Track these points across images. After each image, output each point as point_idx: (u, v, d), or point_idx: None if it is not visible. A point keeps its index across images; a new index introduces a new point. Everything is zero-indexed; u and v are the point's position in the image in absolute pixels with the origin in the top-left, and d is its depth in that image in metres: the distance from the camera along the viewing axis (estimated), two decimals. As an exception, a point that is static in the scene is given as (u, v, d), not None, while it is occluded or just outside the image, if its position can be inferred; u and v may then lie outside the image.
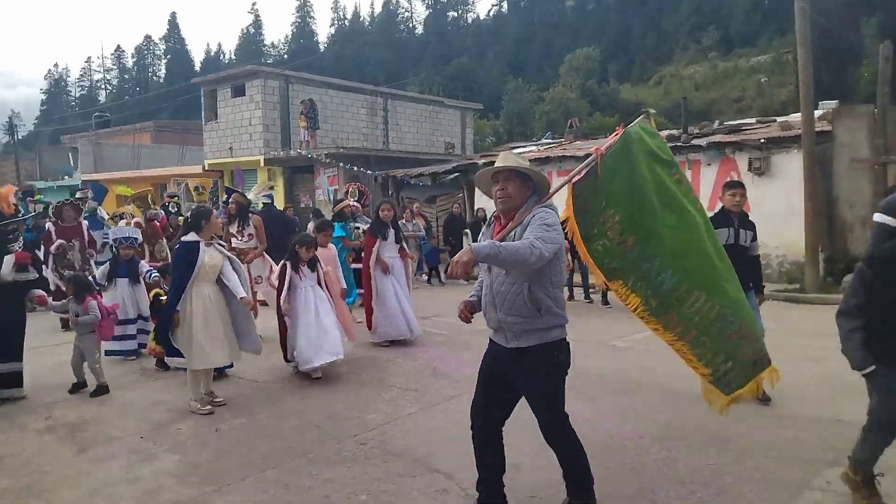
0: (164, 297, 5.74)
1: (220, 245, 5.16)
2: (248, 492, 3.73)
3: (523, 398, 3.15)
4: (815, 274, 9.54)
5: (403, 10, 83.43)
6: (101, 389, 5.48)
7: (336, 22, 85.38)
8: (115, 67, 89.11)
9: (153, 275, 6.25)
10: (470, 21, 79.20)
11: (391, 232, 7.05)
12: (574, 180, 3.27)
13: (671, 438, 4.23)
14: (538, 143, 19.08)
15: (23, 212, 5.33)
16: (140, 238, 6.93)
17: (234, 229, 7.40)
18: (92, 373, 5.53)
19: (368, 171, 16.34)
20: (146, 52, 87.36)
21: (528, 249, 2.78)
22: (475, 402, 3.24)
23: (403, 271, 7.24)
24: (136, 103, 59.13)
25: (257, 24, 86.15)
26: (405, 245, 7.37)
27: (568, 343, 3.08)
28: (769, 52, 48.39)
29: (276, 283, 6.00)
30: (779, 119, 14.47)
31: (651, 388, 5.37)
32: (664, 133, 15.51)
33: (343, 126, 20.02)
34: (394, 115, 21.59)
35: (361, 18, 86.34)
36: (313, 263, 5.90)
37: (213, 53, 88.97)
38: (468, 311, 3.18)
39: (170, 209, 10.31)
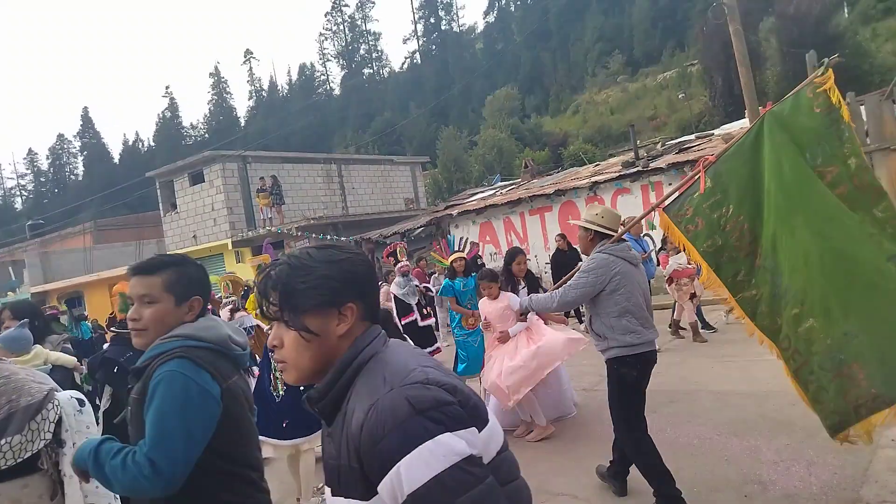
0: None
1: None
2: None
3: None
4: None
5: (319, 74, 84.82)
6: None
7: (253, 94, 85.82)
8: (28, 172, 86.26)
9: None
10: (386, 75, 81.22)
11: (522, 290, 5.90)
12: (663, 206, 3.58)
13: (743, 431, 4.83)
14: (493, 186, 19.99)
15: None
16: None
17: None
18: None
19: (343, 238, 16.75)
20: (60, 151, 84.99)
21: (549, 299, 3.96)
22: None
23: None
24: (63, 204, 57.47)
25: (173, 106, 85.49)
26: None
27: (631, 358, 3.74)
28: (673, 68, 51.83)
29: None
30: (716, 132, 15.86)
31: (698, 394, 6.00)
32: (614, 161, 16.65)
33: (303, 197, 20.42)
34: (349, 179, 22.16)
35: (279, 87, 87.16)
36: None
37: (130, 143, 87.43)
38: None
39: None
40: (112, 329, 5.34)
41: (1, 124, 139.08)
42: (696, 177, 3.35)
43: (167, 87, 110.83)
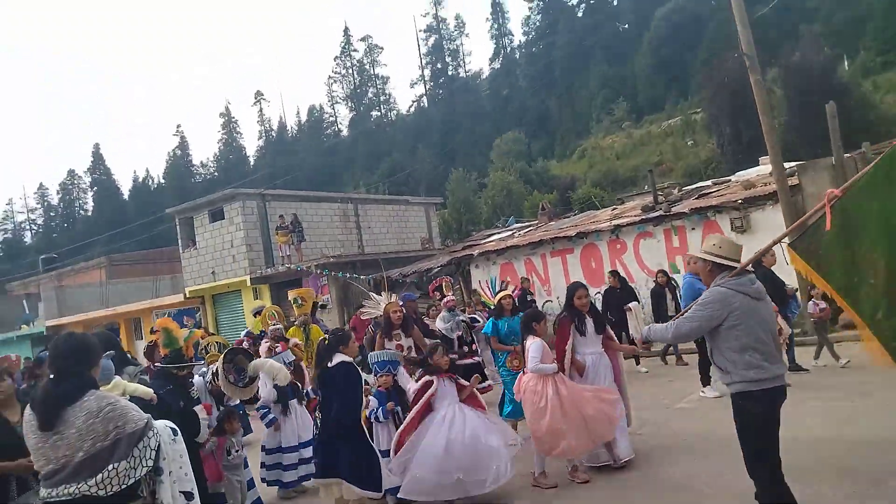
0: None
1: None
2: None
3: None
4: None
5: (328, 116, 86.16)
6: None
7: (263, 134, 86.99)
8: (39, 206, 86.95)
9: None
10: (394, 118, 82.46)
11: (589, 321, 5.79)
12: (785, 241, 3.59)
13: (803, 477, 4.78)
14: (509, 228, 20.14)
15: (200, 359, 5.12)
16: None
17: (395, 343, 6.56)
18: None
19: (362, 277, 16.83)
20: (71, 186, 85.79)
21: (665, 330, 3.91)
22: None
23: (610, 370, 5.80)
24: (73, 238, 57.72)
25: (184, 145, 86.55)
26: (612, 334, 6.02)
27: (757, 392, 3.66)
28: (676, 116, 52.71)
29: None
30: (733, 178, 16.06)
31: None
32: (631, 205, 16.82)
33: (320, 236, 20.58)
34: (365, 218, 22.37)
35: (288, 128, 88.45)
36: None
37: (140, 180, 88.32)
38: None
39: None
40: (156, 364, 5.37)
41: (13, 159, 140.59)
42: (822, 212, 3.34)
43: (178, 126, 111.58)
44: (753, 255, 3.82)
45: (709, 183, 16.28)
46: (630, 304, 9.64)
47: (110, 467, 2.74)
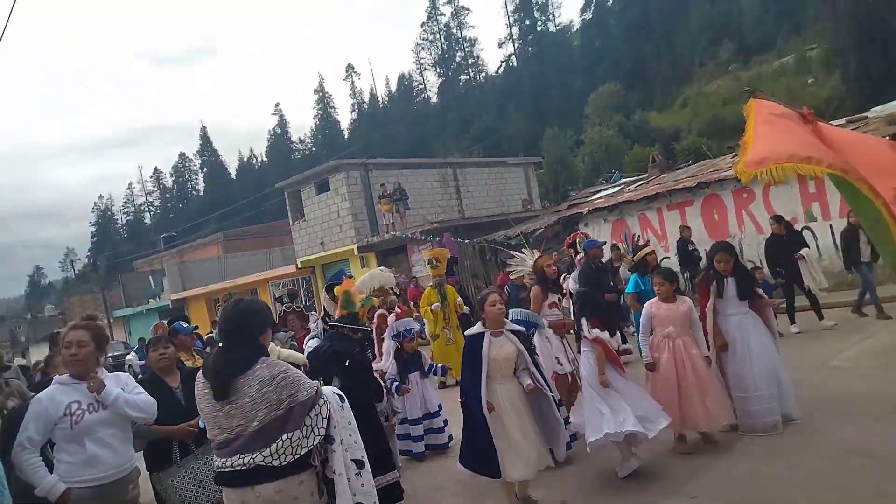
0: None
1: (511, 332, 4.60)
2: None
3: None
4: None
5: (417, 83, 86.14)
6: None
7: (356, 107, 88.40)
8: (155, 189, 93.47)
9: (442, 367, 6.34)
10: (483, 80, 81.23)
11: (731, 283, 5.35)
12: None
13: None
14: (616, 183, 19.35)
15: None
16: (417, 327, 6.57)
17: (549, 301, 5.93)
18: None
19: (467, 241, 16.73)
20: (183, 168, 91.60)
21: None
22: None
23: (760, 329, 5.32)
24: (187, 217, 61.57)
25: (283, 123, 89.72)
26: (762, 293, 5.53)
27: None
28: (789, 54, 48.56)
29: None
30: (869, 114, 14.53)
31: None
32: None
33: (421, 202, 20.65)
34: (464, 182, 22.23)
35: (379, 99, 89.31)
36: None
37: (245, 159, 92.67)
38: None
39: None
40: (330, 324, 5.37)
41: (131, 145, 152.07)
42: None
43: (276, 105, 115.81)
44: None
45: (842, 121, 14.76)
46: (802, 251, 8.74)
47: (284, 437, 2.68)
